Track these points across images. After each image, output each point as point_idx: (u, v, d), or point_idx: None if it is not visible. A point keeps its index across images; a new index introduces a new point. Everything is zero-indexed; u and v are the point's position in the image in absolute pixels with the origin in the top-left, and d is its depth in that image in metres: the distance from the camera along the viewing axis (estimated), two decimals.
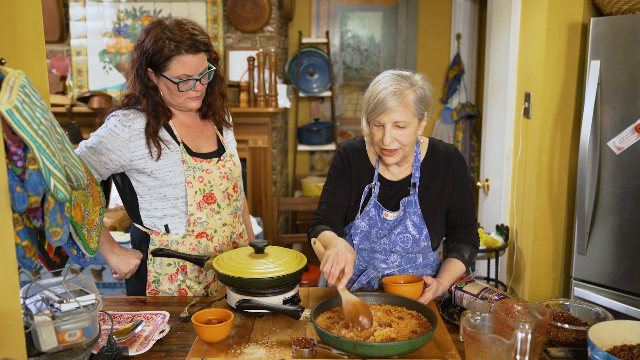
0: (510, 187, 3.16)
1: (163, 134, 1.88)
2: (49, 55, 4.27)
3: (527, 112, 2.91)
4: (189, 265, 1.92)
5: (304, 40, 4.76)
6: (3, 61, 1.23)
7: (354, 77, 5.06)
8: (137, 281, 1.96)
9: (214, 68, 1.88)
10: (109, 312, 1.60)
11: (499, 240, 3.08)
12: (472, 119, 4.83)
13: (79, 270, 1.49)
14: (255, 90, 4.07)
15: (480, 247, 3.04)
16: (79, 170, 1.35)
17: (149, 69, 1.81)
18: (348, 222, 1.88)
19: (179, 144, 1.88)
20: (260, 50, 4.05)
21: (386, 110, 1.67)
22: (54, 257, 1.42)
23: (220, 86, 1.97)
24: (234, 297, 1.66)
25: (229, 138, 2.07)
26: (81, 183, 1.34)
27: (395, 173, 1.85)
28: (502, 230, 3.20)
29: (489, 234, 3.17)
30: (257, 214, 4.24)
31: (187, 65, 1.78)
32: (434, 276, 1.87)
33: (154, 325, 1.61)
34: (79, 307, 1.27)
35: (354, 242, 1.85)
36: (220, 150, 1.98)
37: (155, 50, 1.76)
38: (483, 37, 4.60)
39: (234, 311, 1.63)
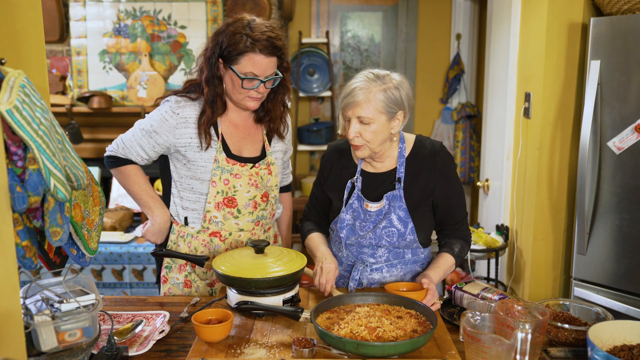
0: (510, 187, 3.16)
1: (209, 129, 1.90)
2: (49, 55, 4.27)
3: (527, 112, 2.91)
4: None
5: (304, 40, 4.76)
6: (3, 61, 1.23)
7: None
8: (157, 266, 2.06)
9: (281, 76, 1.90)
10: (109, 312, 1.60)
11: (499, 240, 3.08)
12: (472, 119, 4.83)
13: (79, 270, 1.49)
14: None
15: (480, 247, 3.04)
16: (79, 170, 1.35)
17: (220, 60, 1.85)
18: (334, 217, 1.92)
19: (218, 142, 1.90)
20: None
21: (350, 104, 1.73)
22: (54, 257, 1.42)
23: (283, 95, 1.99)
24: (234, 297, 1.66)
25: (276, 147, 2.04)
26: (81, 183, 1.34)
27: (377, 167, 1.88)
28: (502, 230, 3.20)
29: (489, 234, 3.17)
30: None
31: (256, 64, 1.81)
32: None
33: (154, 325, 1.61)
34: (79, 307, 1.27)
35: (341, 235, 1.89)
36: (261, 157, 1.98)
37: (231, 42, 1.80)
38: (483, 37, 4.60)
39: (234, 311, 1.63)
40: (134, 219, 3.86)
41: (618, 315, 2.42)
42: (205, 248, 1.95)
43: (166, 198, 2.01)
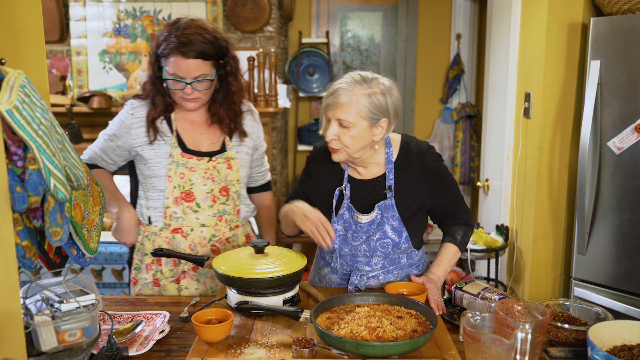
0: (510, 187, 3.16)
1: (163, 125, 1.95)
2: (49, 55, 4.27)
3: (527, 112, 2.91)
4: (164, 259, 1.97)
5: (304, 40, 4.76)
6: (3, 61, 1.23)
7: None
8: (128, 268, 2.09)
9: (211, 79, 1.88)
10: (109, 312, 1.60)
11: (499, 240, 3.08)
12: (472, 119, 4.83)
13: (79, 270, 1.49)
14: (255, 90, 4.07)
15: (480, 247, 3.04)
16: (79, 170, 1.35)
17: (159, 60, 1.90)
18: None
19: (172, 137, 1.94)
20: (260, 50, 4.05)
21: (332, 105, 1.67)
22: (54, 257, 1.42)
23: (229, 98, 1.96)
24: (234, 297, 1.66)
25: (242, 143, 2.03)
26: (81, 183, 1.34)
27: (362, 173, 1.82)
28: (502, 230, 3.20)
29: (489, 234, 3.17)
30: None
31: (178, 66, 1.83)
32: (426, 270, 1.90)
33: (153, 325, 1.61)
34: (79, 307, 1.27)
35: (335, 246, 1.85)
36: (220, 152, 1.99)
37: (161, 43, 1.85)
38: (483, 37, 4.60)
39: (234, 311, 1.63)
40: None
41: (618, 315, 2.42)
42: (168, 245, 1.98)
43: (134, 201, 2.05)
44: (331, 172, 1.86)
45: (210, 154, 1.97)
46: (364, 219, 1.79)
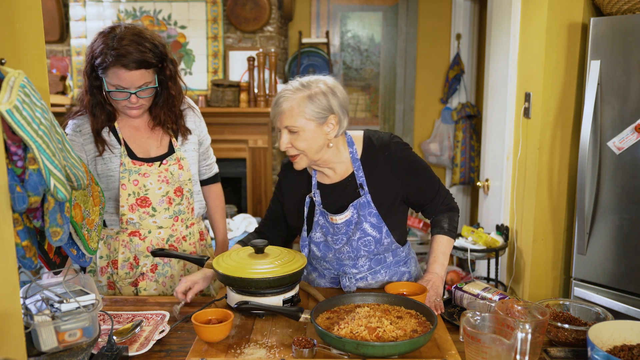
0: (510, 187, 3.16)
1: (110, 138, 1.93)
2: (49, 55, 4.27)
3: (527, 112, 2.91)
4: (120, 261, 1.96)
5: (304, 40, 4.76)
6: (3, 61, 1.23)
7: (354, 77, 5.05)
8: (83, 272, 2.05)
9: (155, 86, 1.88)
10: (109, 312, 1.60)
11: (499, 240, 3.08)
12: (472, 119, 4.83)
13: (79, 270, 1.49)
14: (255, 90, 4.07)
15: (480, 247, 3.04)
16: (79, 170, 1.35)
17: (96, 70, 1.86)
18: (296, 236, 1.91)
19: (121, 147, 1.92)
20: (260, 50, 4.05)
21: (277, 115, 1.69)
22: (54, 257, 1.42)
23: (169, 101, 1.95)
24: (234, 297, 1.66)
25: (188, 140, 2.03)
26: (81, 183, 1.34)
27: (331, 176, 1.82)
28: (502, 230, 3.20)
29: (489, 234, 3.17)
30: (257, 214, 4.24)
31: (121, 78, 1.80)
32: (415, 268, 1.94)
33: (154, 325, 1.61)
34: (79, 307, 1.27)
35: (318, 254, 1.86)
36: (169, 154, 1.98)
37: (96, 56, 1.80)
38: (483, 37, 4.60)
39: (234, 311, 1.63)
40: None
41: (618, 315, 2.42)
42: (125, 248, 1.96)
43: None
44: (300, 183, 1.87)
45: (161, 158, 1.96)
46: (338, 219, 1.78)
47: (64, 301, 1.27)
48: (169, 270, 2.01)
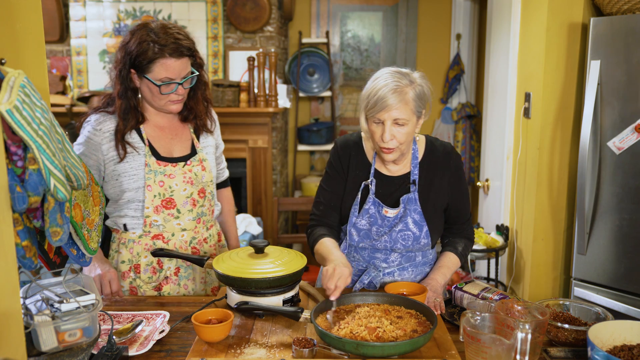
0: (510, 187, 3.16)
1: (133, 137, 1.90)
2: (49, 55, 4.27)
3: (527, 112, 2.91)
4: (143, 266, 1.93)
5: (304, 40, 4.76)
6: (3, 61, 1.23)
7: (354, 77, 5.06)
8: None
9: (197, 73, 1.89)
10: (109, 312, 1.60)
11: (499, 240, 3.08)
12: (472, 119, 4.83)
13: (79, 270, 1.49)
14: (255, 90, 4.07)
15: (480, 247, 3.04)
16: (79, 170, 1.35)
17: (132, 70, 1.84)
18: (345, 219, 1.87)
19: (145, 147, 1.90)
20: (260, 50, 4.05)
21: (386, 108, 1.67)
22: (54, 257, 1.42)
23: (204, 91, 1.98)
24: (234, 297, 1.66)
25: (206, 142, 2.04)
26: (81, 183, 1.34)
27: (393, 170, 1.84)
28: (502, 230, 3.20)
29: (489, 234, 3.17)
30: (257, 214, 4.24)
31: (169, 68, 1.80)
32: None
33: (153, 325, 1.61)
34: (79, 307, 1.27)
35: (355, 239, 1.85)
36: (192, 155, 1.98)
37: (139, 52, 1.79)
38: (483, 37, 4.60)
39: (234, 311, 1.63)
40: None
41: (618, 315, 2.42)
42: (148, 252, 1.93)
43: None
44: (358, 164, 1.86)
45: (184, 158, 1.96)
46: (391, 212, 1.81)
47: (64, 301, 1.27)
48: (192, 273, 1.99)
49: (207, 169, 1.99)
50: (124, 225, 1.93)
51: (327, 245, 1.77)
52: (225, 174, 2.22)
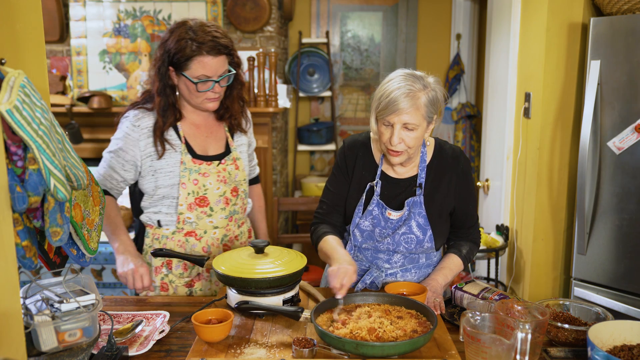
0: (510, 187, 3.16)
1: (170, 134, 1.93)
2: (49, 55, 4.27)
3: (527, 112, 2.91)
4: (175, 262, 1.96)
5: (304, 40, 4.76)
6: (3, 61, 1.23)
7: (354, 77, 5.05)
8: None
9: (234, 72, 1.92)
10: (109, 312, 1.60)
11: (499, 240, 3.08)
12: (472, 119, 4.83)
13: (79, 270, 1.49)
14: (255, 90, 4.07)
15: (480, 247, 3.04)
16: (79, 170, 1.35)
17: (171, 68, 1.86)
18: (349, 220, 1.87)
19: (182, 145, 1.92)
20: (260, 50, 4.05)
21: (397, 111, 1.65)
22: (54, 257, 1.42)
23: (240, 90, 2.01)
24: (234, 297, 1.66)
25: (240, 141, 2.07)
26: (81, 183, 1.34)
27: (399, 172, 1.84)
28: (502, 230, 3.20)
29: (489, 234, 3.17)
30: None
31: (207, 66, 1.82)
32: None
33: (153, 325, 1.61)
34: (79, 307, 1.27)
35: (359, 239, 1.85)
36: (226, 154, 2.01)
37: (177, 50, 1.82)
38: (483, 37, 4.60)
39: (234, 311, 1.63)
40: (133, 220, 3.86)
41: (618, 315, 2.42)
42: (181, 248, 1.96)
43: (136, 209, 2.03)
44: (365, 165, 1.85)
45: (219, 157, 1.98)
46: (395, 215, 1.80)
47: (64, 301, 1.27)
48: None
49: (240, 167, 2.02)
50: (158, 221, 1.96)
51: (330, 242, 1.77)
52: (257, 170, 2.27)
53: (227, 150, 2.02)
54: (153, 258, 1.97)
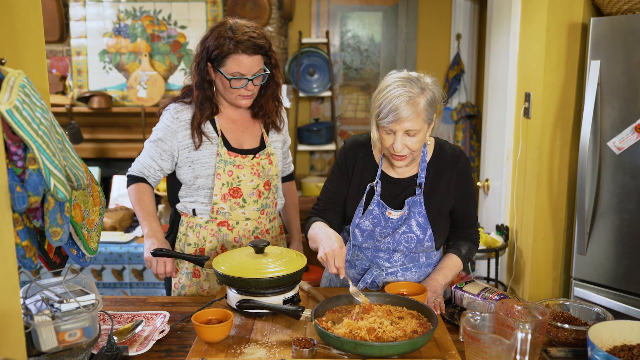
0: (510, 187, 3.16)
1: (207, 127, 2.01)
2: (49, 55, 4.27)
3: (527, 112, 2.91)
4: (207, 250, 2.03)
5: (304, 40, 4.76)
6: (3, 61, 1.23)
7: (354, 77, 5.05)
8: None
9: (269, 72, 1.98)
10: (109, 312, 1.60)
11: (499, 240, 3.08)
12: (472, 119, 4.83)
13: (79, 270, 1.49)
14: None
15: (480, 247, 3.04)
16: (79, 170, 1.35)
17: (209, 64, 1.95)
18: (349, 220, 1.88)
19: (218, 138, 2.00)
20: None
21: (399, 120, 1.65)
22: (54, 257, 1.42)
23: (275, 90, 2.07)
24: (234, 297, 1.66)
25: (275, 138, 2.13)
26: (81, 183, 1.34)
27: (400, 172, 1.84)
28: (502, 230, 3.20)
29: (489, 234, 3.17)
30: None
31: (241, 64, 1.90)
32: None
33: (153, 325, 1.61)
34: (79, 307, 1.27)
35: (359, 239, 1.86)
36: (261, 148, 2.07)
37: (215, 46, 1.91)
38: (483, 37, 4.60)
39: (234, 311, 1.63)
40: (133, 219, 3.86)
41: (618, 315, 2.42)
42: (213, 237, 2.03)
43: (172, 199, 2.11)
44: (365, 166, 1.87)
45: (254, 151, 2.05)
46: (396, 214, 1.81)
47: (64, 301, 1.27)
48: None
49: (274, 162, 2.08)
50: (193, 210, 2.04)
51: (314, 227, 1.78)
52: (291, 168, 2.32)
53: (262, 145, 2.08)
54: (186, 245, 2.04)
